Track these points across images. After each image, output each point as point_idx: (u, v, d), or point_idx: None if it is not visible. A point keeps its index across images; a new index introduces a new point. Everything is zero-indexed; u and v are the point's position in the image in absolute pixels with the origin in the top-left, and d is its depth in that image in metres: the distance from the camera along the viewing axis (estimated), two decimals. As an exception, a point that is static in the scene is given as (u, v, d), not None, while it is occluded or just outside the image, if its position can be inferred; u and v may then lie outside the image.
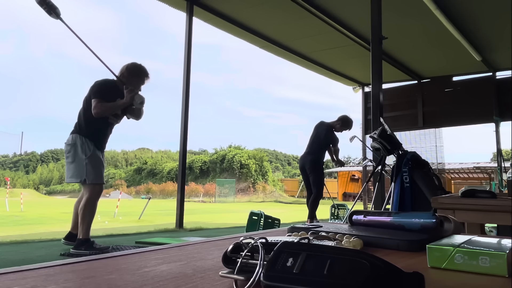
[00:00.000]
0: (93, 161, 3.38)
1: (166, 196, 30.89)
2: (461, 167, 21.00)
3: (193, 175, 35.68)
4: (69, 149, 3.44)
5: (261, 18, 7.04)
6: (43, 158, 59.29)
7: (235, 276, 0.46)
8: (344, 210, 7.79)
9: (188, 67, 6.48)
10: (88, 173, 3.35)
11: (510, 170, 1.98)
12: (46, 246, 4.51)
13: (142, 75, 3.62)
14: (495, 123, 9.06)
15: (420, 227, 0.74)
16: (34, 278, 0.49)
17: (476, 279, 0.50)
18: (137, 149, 56.31)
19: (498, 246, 0.56)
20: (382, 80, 4.66)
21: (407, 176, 3.05)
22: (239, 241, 0.50)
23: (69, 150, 3.43)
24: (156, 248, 0.72)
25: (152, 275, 0.51)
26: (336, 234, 0.71)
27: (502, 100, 8.87)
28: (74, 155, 3.40)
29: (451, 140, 74.62)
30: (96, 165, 3.41)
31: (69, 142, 3.46)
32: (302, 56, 8.63)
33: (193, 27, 6.59)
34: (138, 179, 40.33)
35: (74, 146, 3.41)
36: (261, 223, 5.49)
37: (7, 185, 24.65)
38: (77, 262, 0.58)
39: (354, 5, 6.30)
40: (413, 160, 3.13)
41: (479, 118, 9.42)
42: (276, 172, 44.75)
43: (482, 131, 28.81)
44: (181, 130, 6.44)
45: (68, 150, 3.45)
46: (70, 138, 3.47)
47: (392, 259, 0.49)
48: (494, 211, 1.67)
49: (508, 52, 7.49)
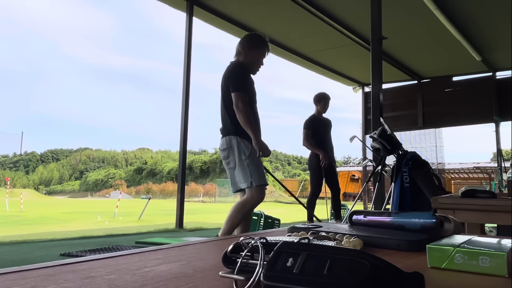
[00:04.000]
0: (253, 160, 2.92)
1: (166, 196, 30.88)
2: (461, 167, 21.01)
3: (193, 175, 35.69)
4: (226, 154, 2.99)
5: (261, 18, 7.04)
6: (43, 158, 59.29)
7: (235, 276, 0.46)
8: (344, 210, 7.79)
9: (188, 67, 6.49)
10: (252, 174, 2.88)
11: (510, 170, 1.98)
12: (46, 246, 4.51)
13: (262, 47, 3.07)
14: (495, 123, 9.06)
15: (420, 227, 0.74)
16: (34, 278, 0.49)
17: (476, 279, 0.50)
18: (137, 149, 56.34)
19: (498, 246, 0.56)
20: (382, 80, 4.66)
21: (407, 176, 3.05)
22: (239, 241, 0.50)
23: (227, 155, 2.98)
24: (156, 248, 0.72)
25: (152, 275, 0.51)
26: (336, 234, 0.71)
27: (502, 100, 8.87)
28: (234, 159, 2.94)
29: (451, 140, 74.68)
30: (258, 164, 2.95)
31: (223, 147, 3.00)
32: (302, 56, 8.63)
33: (193, 27, 6.60)
34: (138, 179, 40.35)
35: (230, 149, 2.96)
36: (261, 223, 5.49)
37: (7, 185, 24.66)
38: (77, 262, 0.58)
39: (354, 5, 6.30)
40: (413, 160, 3.13)
41: (479, 118, 9.42)
42: (276, 172, 44.72)
43: (482, 131, 28.84)
44: (181, 130, 6.44)
45: (225, 156, 3.00)
46: (223, 142, 3.01)
47: (392, 259, 0.49)
48: (494, 211, 1.67)
49: (508, 52, 7.49)
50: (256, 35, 3.16)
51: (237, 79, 2.95)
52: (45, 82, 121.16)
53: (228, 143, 2.96)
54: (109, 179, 42.17)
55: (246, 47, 3.02)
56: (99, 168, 50.31)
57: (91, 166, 52.22)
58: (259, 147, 2.86)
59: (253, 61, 3.04)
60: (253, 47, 3.03)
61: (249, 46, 3.02)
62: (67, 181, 48.89)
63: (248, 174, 2.89)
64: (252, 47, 3.03)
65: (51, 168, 52.02)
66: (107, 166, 49.81)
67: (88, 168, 51.53)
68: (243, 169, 2.90)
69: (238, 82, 2.93)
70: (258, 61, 3.06)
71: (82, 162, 53.65)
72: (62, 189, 44.83)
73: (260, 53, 3.04)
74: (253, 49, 3.02)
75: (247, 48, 3.02)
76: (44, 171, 51.69)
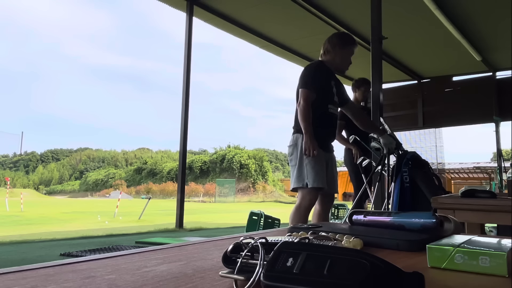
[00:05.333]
0: (313, 162, 2.85)
1: (166, 196, 30.90)
2: (461, 167, 21.00)
3: (193, 175, 35.69)
4: (291, 151, 3.00)
5: (261, 18, 7.04)
6: (43, 158, 59.31)
7: (235, 276, 0.46)
8: (344, 210, 7.80)
9: (188, 67, 6.49)
10: (309, 175, 2.86)
11: (510, 170, 1.98)
12: (46, 246, 4.51)
13: (352, 45, 3.06)
14: (495, 123, 9.05)
15: (420, 227, 0.74)
16: (34, 278, 0.49)
17: (476, 279, 0.50)
18: (137, 149, 56.37)
19: (498, 246, 0.56)
20: (382, 80, 4.65)
21: (407, 176, 3.05)
22: (239, 241, 0.50)
23: (291, 152, 2.99)
24: (156, 248, 0.72)
25: (152, 275, 0.51)
26: (336, 234, 0.71)
27: (502, 100, 8.86)
28: (296, 157, 2.93)
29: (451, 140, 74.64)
30: (317, 167, 2.87)
31: (290, 143, 3.00)
32: (302, 56, 8.63)
33: (193, 27, 6.61)
34: (138, 179, 40.34)
35: (295, 147, 2.95)
36: (261, 223, 5.49)
37: (7, 185, 24.70)
38: (77, 262, 0.58)
39: (354, 5, 6.30)
40: (413, 160, 3.13)
41: (479, 118, 9.42)
42: (276, 172, 44.77)
43: (482, 131, 28.81)
44: (181, 130, 6.45)
45: (290, 152, 3.01)
46: (292, 138, 3.00)
47: (392, 259, 0.49)
48: (494, 211, 1.67)
49: (508, 52, 7.49)
50: (346, 34, 3.17)
51: (305, 76, 2.95)
52: (44, 82, 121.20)
53: (295, 141, 2.96)
54: (109, 179, 42.17)
55: (337, 46, 3.00)
56: (99, 168, 50.31)
57: (91, 166, 52.23)
58: (305, 145, 2.83)
59: (343, 60, 3.04)
60: (343, 46, 3.02)
61: (340, 45, 3.01)
62: (67, 181, 48.91)
63: (304, 175, 2.87)
64: (343, 46, 3.02)
65: (51, 168, 52.03)
66: (107, 166, 49.81)
67: (88, 168, 51.54)
68: (301, 169, 2.89)
69: (305, 80, 2.93)
70: (348, 59, 3.06)
71: (82, 162, 53.67)
72: (62, 189, 44.84)
73: (350, 51, 3.05)
74: (344, 48, 3.02)
75: (338, 47, 3.00)
76: (44, 171, 51.70)
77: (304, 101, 2.84)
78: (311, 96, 2.87)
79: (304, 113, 2.83)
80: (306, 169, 2.85)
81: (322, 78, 2.97)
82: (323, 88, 2.95)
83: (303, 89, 2.87)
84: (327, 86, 2.99)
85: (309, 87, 2.88)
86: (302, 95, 2.86)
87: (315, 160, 2.86)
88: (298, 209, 2.90)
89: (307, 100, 2.85)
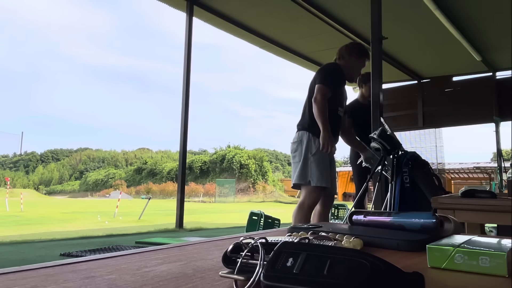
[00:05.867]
0: (317, 160, 2.89)
1: (166, 196, 30.90)
2: (461, 167, 21.00)
3: (193, 175, 35.69)
4: (295, 147, 3.03)
5: (261, 18, 7.04)
6: (43, 158, 59.30)
7: (235, 276, 0.46)
8: (344, 210, 7.81)
9: (188, 67, 6.49)
10: (313, 173, 2.88)
11: (510, 170, 1.98)
12: (46, 246, 4.51)
13: (366, 57, 3.14)
14: (495, 123, 9.06)
15: (420, 227, 0.74)
16: (34, 278, 0.49)
17: (476, 279, 0.50)
18: (137, 149, 56.36)
19: (498, 246, 0.56)
20: (382, 80, 4.65)
21: (407, 176, 3.05)
22: (239, 241, 0.50)
23: (295, 148, 3.02)
24: (156, 248, 0.72)
25: (152, 275, 0.51)
26: (336, 234, 0.71)
27: (502, 100, 8.86)
28: (300, 154, 2.95)
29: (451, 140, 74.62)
30: (322, 165, 2.91)
31: (294, 140, 3.05)
32: (302, 56, 8.63)
33: (193, 27, 6.61)
34: (138, 179, 40.33)
35: (300, 144, 2.98)
36: (261, 223, 5.49)
37: (7, 185, 24.70)
38: (77, 262, 0.58)
39: (354, 5, 6.30)
40: (413, 160, 3.13)
41: (479, 118, 9.42)
42: (276, 172, 44.75)
43: (482, 131, 28.82)
44: (181, 130, 6.45)
45: (294, 149, 3.04)
46: (296, 135, 3.05)
47: (392, 259, 0.49)
48: (494, 211, 1.67)
49: (508, 52, 7.49)
50: (363, 46, 3.26)
51: (326, 73, 2.98)
52: (44, 82, 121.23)
53: (299, 138, 2.99)
54: (109, 179, 42.16)
55: (354, 55, 3.08)
56: (99, 168, 50.30)
57: (91, 166, 52.22)
58: (323, 140, 2.82)
59: (355, 69, 3.11)
60: (359, 56, 3.10)
61: (356, 55, 3.09)
62: (67, 181, 48.90)
63: (308, 173, 2.88)
64: (359, 56, 3.09)
65: (51, 168, 52.02)
66: (107, 166, 49.80)
67: (88, 168, 51.53)
68: (305, 167, 2.90)
69: (325, 76, 2.95)
70: (359, 70, 3.15)
71: (82, 162, 53.66)
72: (62, 189, 44.84)
73: (363, 63, 3.13)
74: (359, 58, 3.09)
75: (354, 56, 3.08)
76: (44, 171, 51.70)
77: (322, 97, 2.86)
78: (328, 93, 2.89)
79: (322, 108, 2.85)
80: (311, 167, 2.87)
81: (339, 80, 3.04)
82: (338, 90, 3.00)
83: (322, 85, 2.89)
84: (341, 89, 3.06)
85: (328, 84, 2.90)
86: (320, 90, 2.87)
87: (321, 159, 2.89)
88: (301, 207, 2.90)
89: (325, 96, 2.87)
